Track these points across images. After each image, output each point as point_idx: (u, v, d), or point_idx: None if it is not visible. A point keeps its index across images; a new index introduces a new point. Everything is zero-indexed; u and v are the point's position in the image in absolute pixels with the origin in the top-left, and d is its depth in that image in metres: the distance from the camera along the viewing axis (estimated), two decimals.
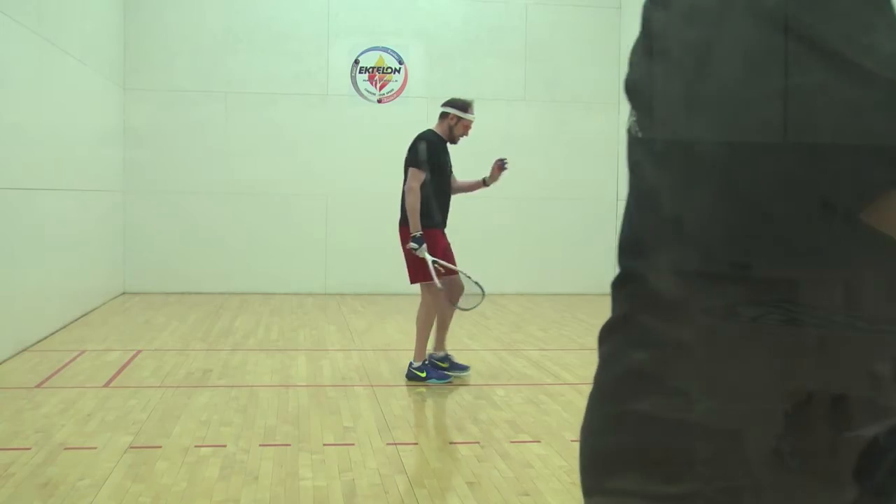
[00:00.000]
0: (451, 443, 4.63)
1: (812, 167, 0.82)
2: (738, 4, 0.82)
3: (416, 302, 6.20)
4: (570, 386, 6.05)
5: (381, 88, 11.38)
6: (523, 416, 5.37)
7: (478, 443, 4.70)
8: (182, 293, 10.80)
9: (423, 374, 6.04)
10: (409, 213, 5.84)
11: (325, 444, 4.54)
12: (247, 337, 7.96)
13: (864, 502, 1.33)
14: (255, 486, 3.86)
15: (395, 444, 4.57)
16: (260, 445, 4.50)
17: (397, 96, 11.42)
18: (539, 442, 4.69)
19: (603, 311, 0.97)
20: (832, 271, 0.94)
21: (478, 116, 12.07)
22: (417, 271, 5.99)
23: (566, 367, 6.69)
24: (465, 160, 11.99)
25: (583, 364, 6.84)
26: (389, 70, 11.38)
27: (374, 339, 7.92)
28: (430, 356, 6.20)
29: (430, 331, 6.09)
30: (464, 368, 6.25)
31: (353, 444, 4.55)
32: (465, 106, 6.11)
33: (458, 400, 5.67)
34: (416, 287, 11.55)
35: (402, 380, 6.18)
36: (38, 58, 7.41)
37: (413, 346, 6.14)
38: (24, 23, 7.01)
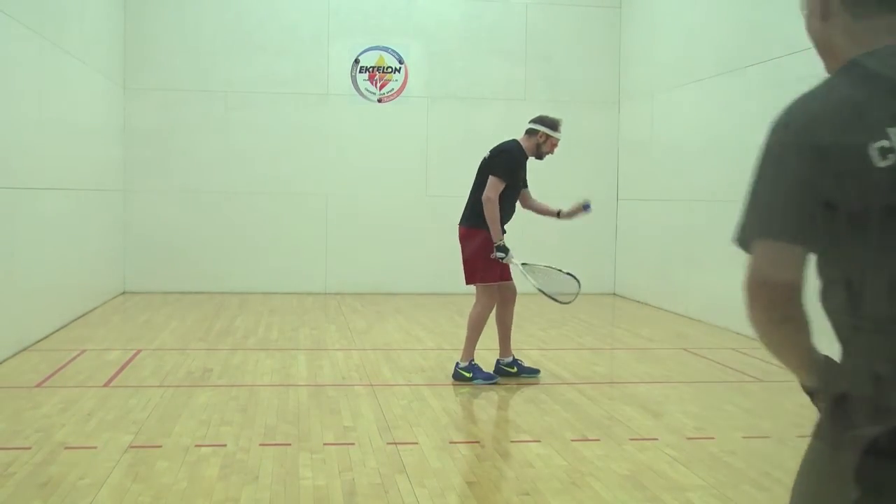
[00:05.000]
0: (451, 443, 4.63)
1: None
2: None
3: (415, 302, 6.21)
4: (570, 386, 6.05)
5: (381, 88, 11.38)
6: (523, 415, 5.37)
7: (478, 443, 4.70)
8: (182, 293, 10.80)
9: (469, 375, 6.04)
10: (489, 223, 5.89)
11: (325, 444, 4.54)
12: (247, 336, 7.96)
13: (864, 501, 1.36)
14: (255, 486, 3.87)
15: (395, 443, 4.58)
16: (260, 445, 4.50)
17: (397, 96, 11.42)
18: (539, 442, 4.70)
19: (603, 311, 0.97)
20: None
21: (477, 116, 12.11)
22: (475, 272, 6.03)
23: (566, 367, 6.69)
24: (465, 160, 12.01)
25: (583, 364, 6.84)
26: (389, 70, 11.39)
27: (374, 339, 7.92)
28: (498, 362, 6.21)
29: (480, 332, 6.07)
30: (533, 371, 6.24)
31: (353, 444, 4.55)
32: (554, 124, 6.14)
33: (458, 400, 5.68)
34: (416, 287, 11.58)
35: (402, 379, 6.18)
36: (38, 58, 7.41)
37: (462, 345, 6.16)
38: (24, 22, 7.01)
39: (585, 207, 6.17)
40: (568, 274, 6.06)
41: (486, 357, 6.32)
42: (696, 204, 9.48)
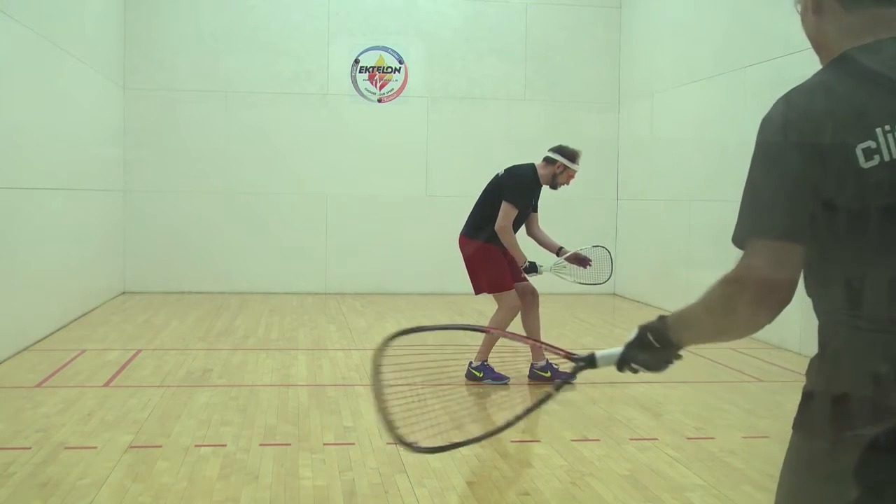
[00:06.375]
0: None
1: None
2: None
3: (415, 301, 6.19)
4: (571, 386, 6.05)
5: (381, 88, 11.38)
6: None
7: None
8: (182, 293, 10.80)
9: (480, 375, 6.04)
10: (509, 249, 5.91)
11: (325, 444, 4.54)
12: (247, 336, 7.96)
13: (864, 502, 1.37)
14: (255, 486, 3.87)
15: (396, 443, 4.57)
16: (260, 445, 4.50)
17: (397, 96, 11.42)
18: (539, 442, 4.70)
19: (602, 311, 0.97)
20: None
21: (477, 116, 12.09)
22: (479, 281, 6.05)
23: (567, 367, 6.68)
24: (465, 160, 11.96)
25: None
26: (389, 70, 11.39)
27: (374, 339, 7.92)
28: (532, 366, 6.18)
29: (497, 337, 6.08)
30: (569, 376, 6.15)
31: (353, 444, 4.55)
32: (573, 156, 6.10)
33: (458, 400, 5.67)
34: (416, 287, 11.56)
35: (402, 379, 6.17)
36: (38, 58, 7.41)
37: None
38: (24, 22, 7.01)
39: (584, 263, 6.15)
40: (594, 247, 6.19)
41: (470, 357, 6.30)
42: (696, 204, 9.48)
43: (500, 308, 6.03)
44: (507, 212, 5.89)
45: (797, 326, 7.40)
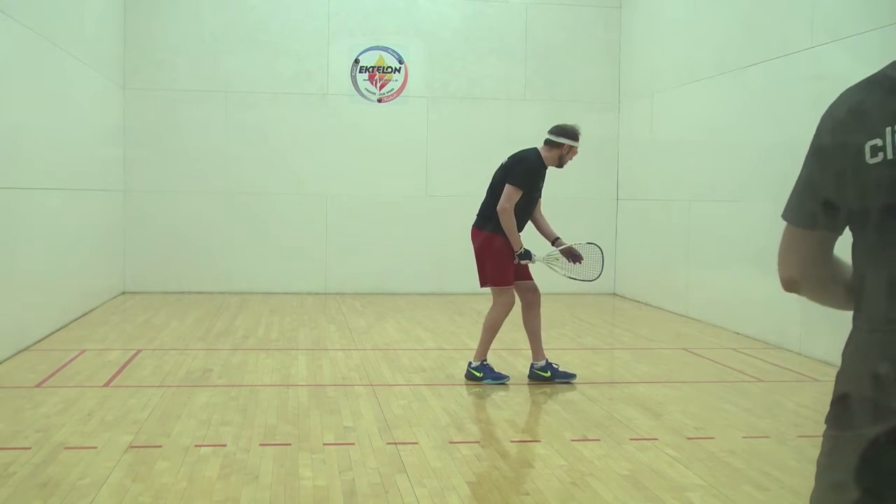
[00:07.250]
0: (451, 443, 4.63)
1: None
2: None
3: (415, 302, 6.19)
4: (570, 386, 6.05)
5: (381, 88, 11.38)
6: (523, 415, 5.37)
7: (478, 442, 4.70)
8: (182, 293, 10.80)
9: (480, 375, 6.04)
10: (507, 233, 5.89)
11: (325, 444, 4.54)
12: (247, 336, 7.96)
13: (865, 502, 1.38)
14: (255, 486, 3.87)
15: (395, 443, 4.58)
16: (260, 445, 4.50)
17: (397, 96, 11.42)
18: (539, 442, 4.70)
19: (602, 311, 0.97)
20: None
21: (477, 116, 12.09)
22: (484, 274, 6.03)
23: (566, 367, 6.67)
24: (465, 160, 11.97)
25: (583, 364, 6.84)
26: (389, 70, 11.38)
27: (374, 339, 7.92)
28: (532, 366, 6.16)
29: (495, 334, 6.07)
30: (569, 376, 6.13)
31: (353, 444, 4.55)
32: (575, 135, 6.06)
33: (458, 400, 5.67)
34: (416, 287, 11.56)
35: (402, 379, 6.18)
36: (38, 58, 7.41)
37: (476, 345, 6.18)
38: (24, 22, 7.01)
39: (575, 259, 6.13)
40: (588, 244, 6.17)
41: (470, 357, 6.30)
42: (696, 204, 9.48)
43: (496, 304, 6.02)
44: (510, 194, 5.88)
45: (797, 326, 7.40)
